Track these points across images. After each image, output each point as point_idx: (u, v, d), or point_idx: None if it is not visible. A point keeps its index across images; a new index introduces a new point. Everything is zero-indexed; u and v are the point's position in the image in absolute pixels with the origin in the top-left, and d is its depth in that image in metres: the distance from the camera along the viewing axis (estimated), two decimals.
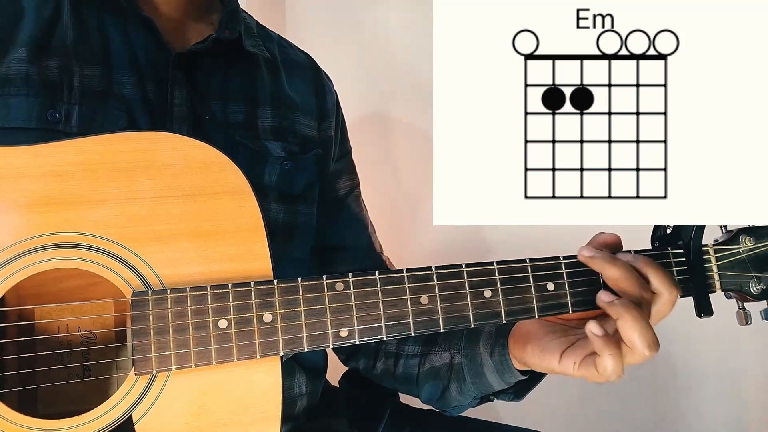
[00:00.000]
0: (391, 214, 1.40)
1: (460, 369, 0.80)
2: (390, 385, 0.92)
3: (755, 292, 0.68)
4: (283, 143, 0.81)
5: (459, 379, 0.80)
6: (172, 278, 0.59)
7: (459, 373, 0.80)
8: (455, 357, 0.81)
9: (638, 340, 0.58)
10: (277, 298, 0.59)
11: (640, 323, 0.59)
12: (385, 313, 0.61)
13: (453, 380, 0.81)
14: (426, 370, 0.84)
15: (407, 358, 0.87)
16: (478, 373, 0.77)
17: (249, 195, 0.62)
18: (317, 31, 1.40)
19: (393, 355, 0.88)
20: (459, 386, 0.80)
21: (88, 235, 0.58)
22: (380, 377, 0.91)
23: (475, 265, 0.63)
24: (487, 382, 0.77)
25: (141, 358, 0.57)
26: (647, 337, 0.59)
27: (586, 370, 0.62)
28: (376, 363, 0.90)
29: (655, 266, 0.63)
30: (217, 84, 0.78)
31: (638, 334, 0.59)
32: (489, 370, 0.76)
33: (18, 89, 0.66)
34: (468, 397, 0.80)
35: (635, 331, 0.59)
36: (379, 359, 0.90)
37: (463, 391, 0.80)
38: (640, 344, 0.58)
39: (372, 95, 1.42)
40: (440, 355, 0.83)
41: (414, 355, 0.86)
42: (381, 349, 0.90)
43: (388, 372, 0.89)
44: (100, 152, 0.59)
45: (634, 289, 0.61)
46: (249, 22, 0.87)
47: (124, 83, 0.71)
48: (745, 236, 0.68)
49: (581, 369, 0.62)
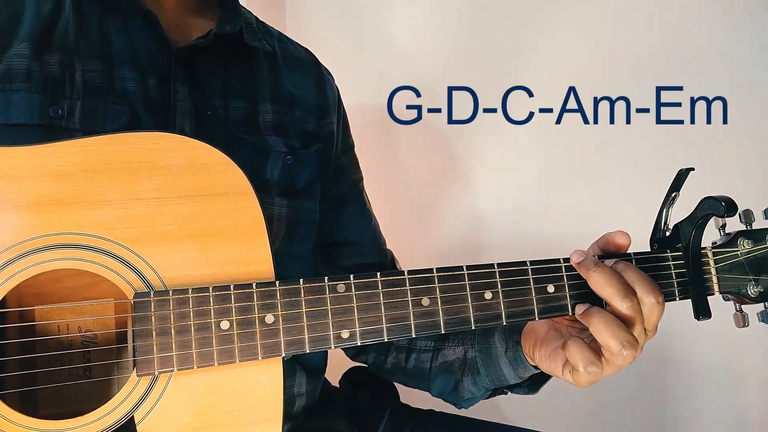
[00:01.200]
0: (392, 214, 1.40)
1: (474, 363, 0.81)
2: (399, 379, 0.93)
3: (753, 295, 0.68)
4: (284, 138, 0.81)
5: (473, 372, 0.81)
6: (174, 279, 0.59)
7: (473, 367, 0.81)
8: (469, 352, 0.82)
9: (612, 341, 0.60)
10: (279, 300, 0.59)
11: (610, 325, 0.61)
12: (386, 315, 0.61)
13: (467, 374, 0.82)
14: (439, 364, 0.85)
15: (419, 353, 0.88)
16: (493, 365, 0.79)
17: (251, 196, 0.62)
18: (317, 28, 1.40)
19: (405, 350, 0.89)
20: (473, 379, 0.81)
21: (89, 236, 0.58)
22: (390, 371, 0.92)
23: (476, 267, 0.64)
24: (502, 374, 0.78)
25: (143, 359, 0.57)
26: (619, 337, 0.60)
27: (575, 374, 0.65)
28: (387, 358, 0.91)
29: (633, 271, 0.63)
30: (218, 80, 0.78)
31: (610, 335, 0.60)
32: (504, 364, 0.77)
33: (20, 84, 0.65)
34: (482, 389, 0.82)
35: (606, 333, 0.60)
36: (390, 354, 0.91)
37: (478, 384, 0.81)
38: (615, 345, 0.60)
39: (372, 94, 1.42)
40: (453, 350, 0.84)
41: (426, 350, 0.87)
42: (393, 344, 0.91)
43: (399, 366, 0.90)
44: (102, 152, 0.59)
45: (616, 295, 0.62)
46: (249, 18, 0.87)
47: (125, 78, 0.71)
48: (743, 239, 0.69)
49: (574, 376, 0.65)
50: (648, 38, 1.48)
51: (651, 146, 1.48)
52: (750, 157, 1.51)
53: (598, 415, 1.49)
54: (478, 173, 1.46)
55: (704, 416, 1.53)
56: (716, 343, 1.48)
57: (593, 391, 1.46)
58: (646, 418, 1.51)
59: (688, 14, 1.48)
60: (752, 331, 0.70)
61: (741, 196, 0.69)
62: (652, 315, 0.63)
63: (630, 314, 0.62)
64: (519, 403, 0.81)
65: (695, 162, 0.71)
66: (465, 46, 1.44)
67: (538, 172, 1.46)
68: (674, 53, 1.48)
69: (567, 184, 1.46)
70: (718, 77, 1.50)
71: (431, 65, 1.43)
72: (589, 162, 1.47)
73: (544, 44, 1.45)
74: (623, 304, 0.61)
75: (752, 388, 1.54)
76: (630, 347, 0.60)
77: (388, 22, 1.42)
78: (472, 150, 1.46)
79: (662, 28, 1.48)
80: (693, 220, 0.67)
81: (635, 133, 1.48)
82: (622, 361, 0.62)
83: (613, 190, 1.47)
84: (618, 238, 0.67)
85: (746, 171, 1.50)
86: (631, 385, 1.47)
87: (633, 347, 0.60)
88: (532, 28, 1.44)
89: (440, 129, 1.45)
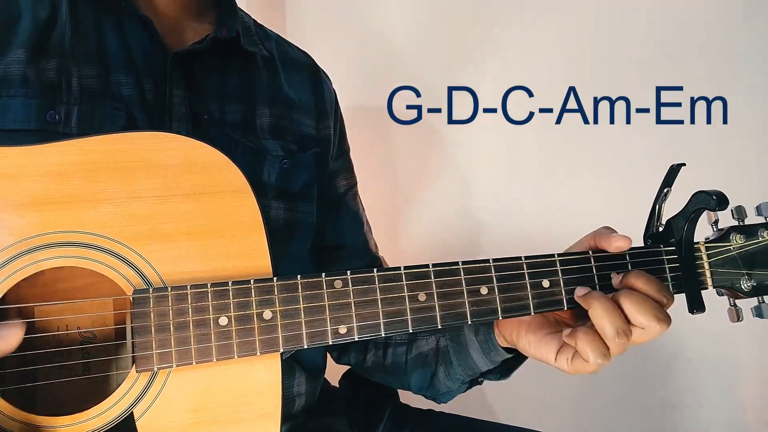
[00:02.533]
0: (390, 212, 1.41)
1: (446, 352, 0.81)
2: (381, 379, 0.93)
3: (746, 289, 0.68)
4: (281, 142, 0.81)
5: (446, 362, 0.81)
6: (172, 276, 0.60)
7: (446, 356, 0.81)
8: (441, 341, 0.83)
9: (609, 327, 0.61)
10: (277, 296, 0.60)
11: (609, 311, 0.62)
12: (383, 311, 0.61)
13: (440, 364, 0.82)
14: (413, 356, 0.85)
15: (395, 346, 0.88)
16: (463, 354, 0.78)
17: (249, 194, 0.63)
18: (317, 30, 1.40)
19: (382, 345, 0.89)
20: (446, 370, 0.81)
21: (88, 234, 0.58)
22: (372, 371, 0.92)
23: (472, 263, 0.64)
24: (473, 362, 0.78)
25: (142, 356, 0.57)
26: (615, 323, 0.61)
27: (577, 364, 0.64)
28: (366, 356, 0.91)
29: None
30: (214, 83, 0.78)
31: (608, 320, 0.61)
32: (474, 350, 0.77)
33: (16, 90, 0.66)
34: (456, 382, 0.82)
35: (605, 318, 0.61)
36: (369, 352, 0.91)
37: (451, 375, 0.81)
38: (611, 331, 0.61)
39: (371, 94, 1.43)
40: (426, 341, 0.85)
41: (401, 342, 0.88)
42: (371, 341, 0.91)
43: (378, 363, 0.90)
44: (101, 152, 0.59)
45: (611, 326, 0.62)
46: (247, 21, 0.87)
47: (121, 83, 0.72)
48: (735, 234, 0.69)
49: (573, 364, 0.65)
50: (648, 38, 1.48)
51: (651, 146, 1.48)
52: (750, 157, 1.51)
53: (596, 414, 1.49)
54: (478, 173, 1.47)
55: (702, 414, 1.53)
56: (712, 339, 1.48)
57: (591, 390, 1.47)
58: (643, 416, 1.51)
59: (688, 14, 1.48)
60: (750, 328, 0.70)
61: (741, 195, 0.70)
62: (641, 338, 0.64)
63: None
64: (519, 402, 0.81)
65: (695, 162, 0.71)
66: (465, 46, 1.44)
67: (537, 172, 1.47)
68: (674, 53, 1.49)
69: (567, 184, 1.47)
70: (718, 77, 1.50)
71: (431, 65, 1.44)
72: (589, 162, 1.48)
73: (544, 44, 1.45)
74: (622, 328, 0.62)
75: (750, 385, 1.54)
76: (624, 336, 0.61)
77: (388, 22, 1.42)
78: (472, 150, 1.46)
79: (662, 28, 1.48)
80: (685, 215, 0.68)
81: (635, 133, 1.49)
82: (614, 347, 0.62)
83: (612, 190, 1.47)
84: (616, 242, 0.67)
85: (746, 171, 1.50)
86: (629, 383, 1.46)
87: (627, 336, 0.61)
88: (533, 28, 1.45)
89: (440, 129, 1.45)
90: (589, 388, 1.45)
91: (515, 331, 0.71)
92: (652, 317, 0.62)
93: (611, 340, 0.61)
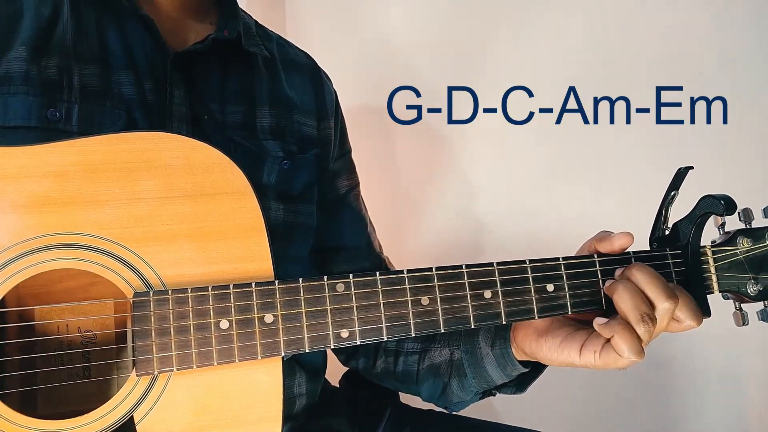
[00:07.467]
0: (392, 214, 1.40)
1: (460, 365, 0.81)
2: (390, 384, 0.92)
3: (752, 293, 0.68)
4: (281, 143, 0.81)
5: (460, 374, 0.81)
6: (173, 279, 0.59)
7: (459, 368, 0.81)
8: (455, 353, 0.82)
9: (633, 311, 0.62)
10: (279, 299, 0.59)
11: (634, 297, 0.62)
12: (385, 314, 0.61)
13: (454, 376, 0.82)
14: (426, 367, 0.85)
15: (407, 355, 0.88)
16: (478, 367, 0.78)
17: (250, 195, 0.62)
18: (317, 30, 1.40)
19: (393, 353, 0.89)
20: (460, 382, 0.81)
21: (89, 236, 0.58)
22: (380, 376, 0.92)
23: (476, 266, 0.64)
24: (489, 375, 0.77)
25: (142, 359, 0.57)
26: (640, 308, 0.62)
27: (608, 356, 0.64)
28: (376, 362, 0.91)
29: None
30: (215, 84, 0.78)
31: (632, 305, 0.62)
32: (490, 364, 0.76)
33: (17, 87, 0.66)
34: (470, 393, 0.81)
35: (629, 303, 0.62)
36: (379, 358, 0.91)
37: (465, 387, 0.80)
38: (635, 316, 0.62)
39: (371, 94, 1.42)
40: (440, 352, 0.84)
41: (413, 352, 0.87)
42: (381, 347, 0.90)
43: (388, 371, 0.89)
44: (101, 152, 0.59)
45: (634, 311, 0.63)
46: (248, 22, 0.86)
47: (122, 83, 0.71)
48: (742, 237, 0.69)
49: (602, 357, 0.64)
50: (648, 38, 1.48)
51: (651, 146, 1.48)
52: (750, 157, 1.51)
53: (599, 415, 1.49)
54: (478, 173, 1.46)
55: (705, 416, 1.53)
56: (716, 342, 1.48)
57: (594, 392, 1.47)
58: (646, 418, 1.51)
59: (688, 14, 1.48)
60: (753, 331, 0.70)
61: (741, 196, 0.69)
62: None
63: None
64: (519, 403, 0.80)
65: (695, 162, 0.71)
66: (465, 46, 1.44)
67: (538, 172, 1.47)
68: (674, 53, 1.48)
69: (567, 184, 1.46)
70: (718, 77, 1.50)
71: (431, 65, 1.43)
72: (589, 162, 1.48)
73: (544, 44, 1.45)
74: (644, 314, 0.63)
75: (753, 388, 1.54)
76: (650, 322, 0.61)
77: (388, 23, 1.42)
78: (472, 150, 1.46)
79: (662, 28, 1.48)
80: (692, 219, 0.67)
81: (635, 133, 1.48)
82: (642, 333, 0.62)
83: (613, 190, 1.47)
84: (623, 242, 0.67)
85: (746, 171, 1.50)
86: (631, 385, 1.47)
87: (652, 322, 0.62)
88: (533, 28, 1.45)
89: (440, 129, 1.45)
90: (591, 389, 1.46)
91: (534, 342, 0.70)
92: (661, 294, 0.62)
93: (637, 324, 0.61)
